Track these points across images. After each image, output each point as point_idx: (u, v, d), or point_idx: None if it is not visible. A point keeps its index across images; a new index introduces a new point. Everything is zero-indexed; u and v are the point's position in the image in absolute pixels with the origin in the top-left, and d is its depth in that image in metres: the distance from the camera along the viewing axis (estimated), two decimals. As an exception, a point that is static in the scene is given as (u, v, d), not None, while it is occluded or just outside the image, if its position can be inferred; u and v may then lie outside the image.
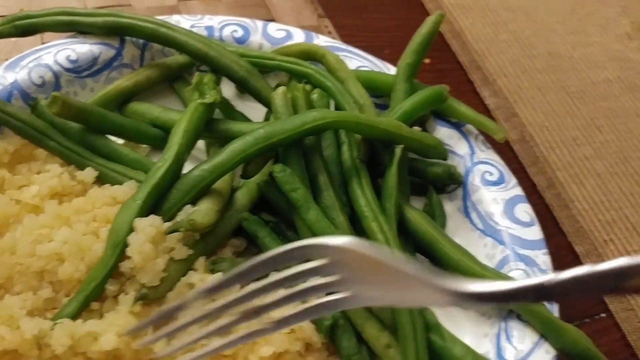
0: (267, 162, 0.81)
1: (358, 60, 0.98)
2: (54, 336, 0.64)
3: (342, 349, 0.73)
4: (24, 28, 0.89)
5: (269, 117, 0.90)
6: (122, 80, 0.91)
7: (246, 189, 0.80)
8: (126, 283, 0.70)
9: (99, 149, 0.82)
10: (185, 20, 0.98)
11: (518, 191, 0.87)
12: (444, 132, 0.93)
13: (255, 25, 1.00)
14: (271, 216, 0.81)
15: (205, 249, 0.75)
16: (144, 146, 0.89)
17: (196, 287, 0.70)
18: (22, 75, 0.85)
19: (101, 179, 0.79)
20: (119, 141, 0.86)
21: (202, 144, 0.88)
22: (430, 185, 0.89)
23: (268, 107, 0.90)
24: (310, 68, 0.90)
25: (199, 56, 0.89)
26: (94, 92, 0.90)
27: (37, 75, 0.86)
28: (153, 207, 0.74)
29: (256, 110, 0.93)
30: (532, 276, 0.78)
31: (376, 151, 0.85)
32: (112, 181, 0.79)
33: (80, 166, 0.80)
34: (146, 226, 0.69)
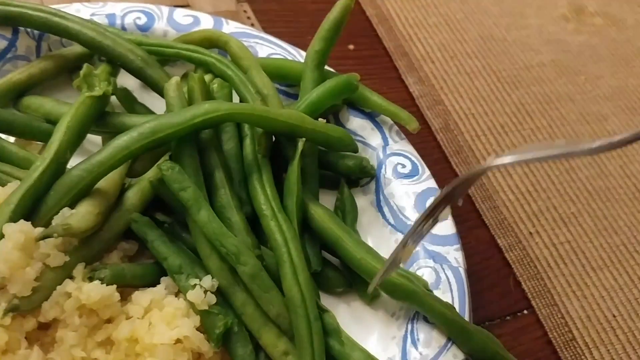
0: (159, 158, 0.76)
1: (269, 47, 0.93)
2: None
3: (236, 357, 0.68)
4: None
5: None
6: (15, 73, 0.86)
7: (137, 187, 0.75)
8: (-3, 294, 0.65)
9: (-17, 148, 0.76)
10: (86, 8, 0.92)
11: (431, 184, 0.82)
12: (357, 123, 0.88)
13: (160, 11, 0.94)
14: (167, 217, 0.76)
15: (88, 255, 0.69)
16: (39, 143, 0.83)
17: (72, 297, 0.65)
18: None
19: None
20: (10, 139, 0.81)
21: (99, 140, 0.83)
22: (343, 178, 0.85)
23: (168, 99, 0.85)
24: (210, 56, 0.85)
25: (93, 46, 0.84)
26: (-15, 87, 0.85)
27: None
28: (30, 210, 0.68)
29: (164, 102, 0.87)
30: (441, 274, 0.74)
31: (280, 145, 0.81)
32: (-4, 181, 0.73)
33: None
34: (14, 232, 0.64)
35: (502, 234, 0.92)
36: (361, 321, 0.76)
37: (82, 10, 0.92)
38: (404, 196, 0.81)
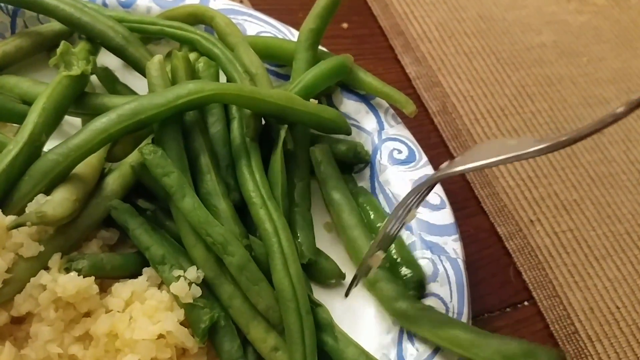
0: (140, 141, 0.72)
1: (258, 24, 0.88)
2: None
3: (223, 353, 0.65)
4: None
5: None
6: (-12, 51, 0.81)
7: (118, 172, 0.70)
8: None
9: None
10: (65, -19, 0.87)
11: (428, 170, 0.78)
12: (351, 106, 0.83)
13: (143, -14, 0.89)
14: (149, 203, 0.72)
15: (64, 244, 0.65)
16: (15, 125, 0.79)
17: (47, 289, 0.60)
18: None
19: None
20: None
21: (79, 122, 0.78)
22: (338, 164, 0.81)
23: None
24: (195, 33, 0.80)
25: (71, 22, 0.79)
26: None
27: None
28: (2, 197, 0.64)
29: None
30: (439, 266, 0.70)
31: (270, 128, 0.76)
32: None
33: None
34: (-16, 221, 0.60)
35: (502, 221, 0.88)
36: (355, 315, 0.72)
37: (61, -15, 0.86)
38: (400, 183, 0.77)
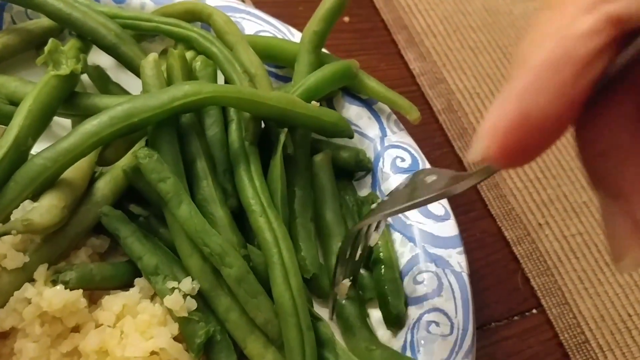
0: (133, 144, 0.68)
1: (257, 23, 0.84)
2: None
3: (219, 369, 0.61)
4: None
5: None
6: (-27, 49, 0.77)
7: (109, 177, 0.67)
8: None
9: None
10: (54, -25, 0.83)
11: (433, 177, 0.75)
12: (353, 111, 0.80)
13: (137, -19, 0.85)
14: (142, 210, 0.68)
15: (52, 254, 0.62)
16: (2, 127, 0.75)
17: (32, 303, 0.57)
18: None
19: None
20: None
21: (69, 124, 0.75)
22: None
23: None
24: (193, 31, 0.76)
25: (61, 18, 0.75)
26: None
27: None
28: (-13, 204, 0.60)
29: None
30: (443, 280, 0.67)
31: (270, 132, 0.73)
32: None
33: None
34: (-36, 230, 0.56)
35: (510, 225, 0.85)
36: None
37: (50, -22, 0.83)
38: (404, 191, 0.74)
